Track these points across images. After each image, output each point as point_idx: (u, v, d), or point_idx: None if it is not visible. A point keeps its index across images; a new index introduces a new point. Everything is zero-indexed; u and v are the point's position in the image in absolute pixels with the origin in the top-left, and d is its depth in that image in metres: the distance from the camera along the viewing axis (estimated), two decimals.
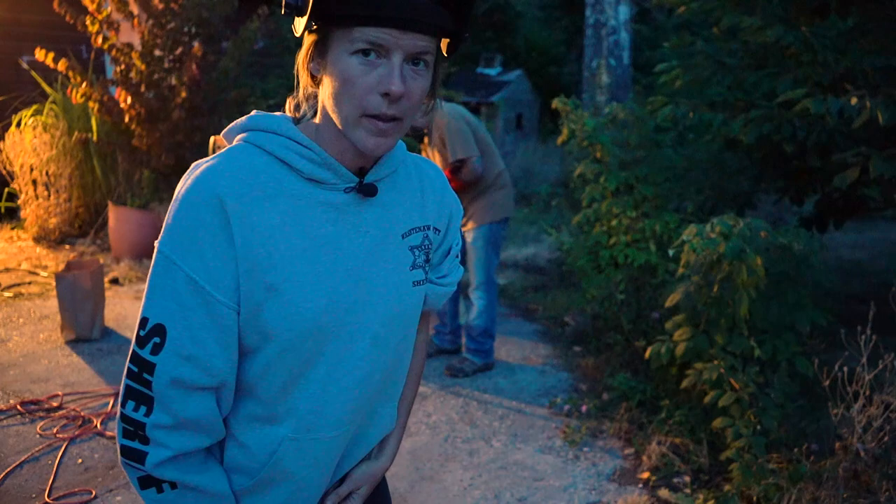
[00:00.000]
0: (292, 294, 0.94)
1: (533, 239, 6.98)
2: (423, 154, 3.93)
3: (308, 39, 0.95)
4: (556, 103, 3.98)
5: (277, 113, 1.02)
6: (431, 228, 1.10)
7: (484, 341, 3.78)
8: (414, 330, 1.12)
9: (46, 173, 6.28)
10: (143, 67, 5.64)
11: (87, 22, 5.53)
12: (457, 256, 1.19)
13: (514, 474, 2.81)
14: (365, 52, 0.88)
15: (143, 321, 0.92)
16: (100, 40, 5.56)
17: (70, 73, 5.71)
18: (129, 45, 5.61)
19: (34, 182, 6.29)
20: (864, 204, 4.18)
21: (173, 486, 0.95)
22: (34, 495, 2.55)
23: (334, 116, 0.94)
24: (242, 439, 1.01)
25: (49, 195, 6.31)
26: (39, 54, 5.54)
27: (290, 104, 1.04)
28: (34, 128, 6.30)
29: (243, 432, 1.01)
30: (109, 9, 5.57)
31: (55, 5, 5.50)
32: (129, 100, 5.68)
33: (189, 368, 0.91)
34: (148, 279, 0.94)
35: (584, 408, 3.29)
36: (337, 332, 0.98)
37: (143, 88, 5.69)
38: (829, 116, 3.05)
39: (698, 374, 2.65)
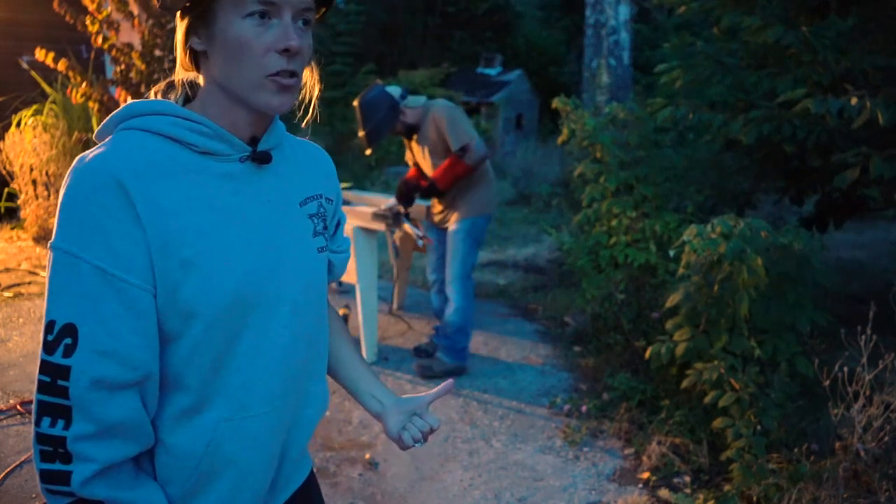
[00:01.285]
0: (210, 267, 0.92)
1: (533, 239, 6.98)
2: (408, 155, 3.91)
3: (186, 16, 0.95)
4: (556, 103, 3.98)
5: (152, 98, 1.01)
6: (324, 197, 1.12)
7: (458, 339, 3.67)
8: (325, 298, 1.13)
9: (46, 173, 6.28)
10: (143, 67, 5.64)
11: (87, 22, 5.53)
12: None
13: (514, 474, 2.81)
14: (260, 14, 0.91)
15: (50, 325, 0.85)
16: (100, 40, 5.55)
17: (70, 73, 5.71)
18: (129, 45, 5.61)
19: (34, 182, 6.29)
20: (864, 204, 4.18)
21: None
22: (34, 495, 2.56)
23: (231, 85, 0.95)
24: (172, 441, 0.96)
25: (49, 195, 6.31)
26: (39, 54, 5.54)
27: (154, 93, 1.03)
28: (34, 128, 6.30)
29: (171, 433, 0.96)
30: (109, 9, 5.57)
31: (55, 5, 5.49)
32: (129, 100, 5.66)
33: (109, 365, 0.86)
34: (47, 283, 0.88)
35: (584, 408, 3.29)
36: (257, 302, 0.97)
37: (143, 88, 5.69)
38: (829, 117, 3.05)
39: (698, 375, 2.65)
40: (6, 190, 6.53)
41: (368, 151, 3.81)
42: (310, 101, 1.08)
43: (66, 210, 0.87)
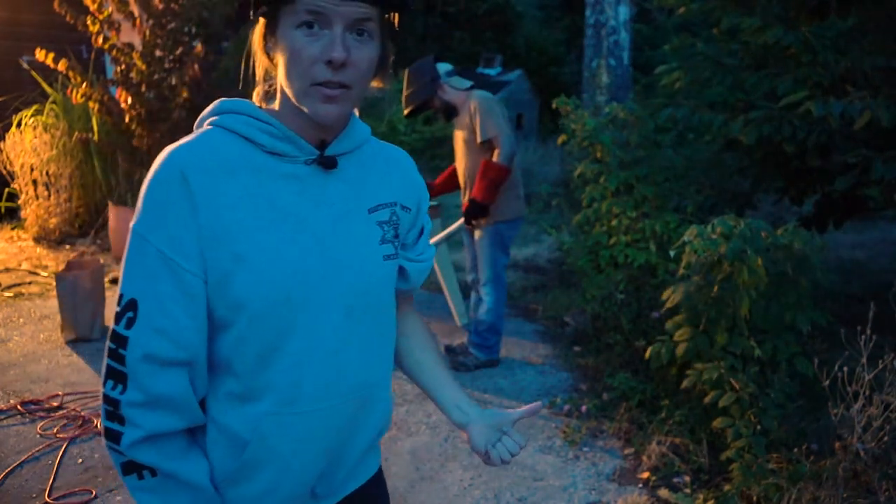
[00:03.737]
0: (260, 262, 0.96)
1: (533, 239, 6.98)
2: (457, 144, 3.83)
3: (261, 21, 1.00)
4: (556, 103, 3.98)
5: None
6: (399, 205, 1.12)
7: (489, 337, 3.81)
8: (391, 306, 1.13)
9: (46, 173, 6.28)
10: (143, 67, 5.64)
11: (88, 22, 5.53)
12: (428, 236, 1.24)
13: (514, 474, 2.82)
14: (308, 24, 0.93)
15: (120, 297, 0.95)
16: (100, 40, 5.56)
17: (70, 73, 5.71)
18: (130, 46, 5.61)
19: (34, 182, 6.29)
20: (864, 204, 4.18)
21: (153, 472, 0.96)
22: (34, 495, 2.56)
23: (288, 91, 0.98)
24: (223, 420, 1.01)
25: (49, 195, 6.31)
26: (39, 54, 5.54)
27: (256, 95, 1.08)
28: (34, 128, 6.30)
29: (223, 412, 1.01)
30: (110, 9, 5.57)
31: (55, 5, 5.49)
32: (129, 100, 5.68)
33: (160, 341, 0.93)
34: (124, 259, 0.96)
35: (584, 408, 3.29)
36: (307, 302, 0.99)
37: (143, 88, 5.69)
38: (830, 118, 3.06)
39: (698, 375, 2.65)
40: (6, 190, 6.53)
41: (405, 113, 3.84)
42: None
43: (143, 196, 0.96)
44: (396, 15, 1.03)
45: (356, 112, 1.13)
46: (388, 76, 1.08)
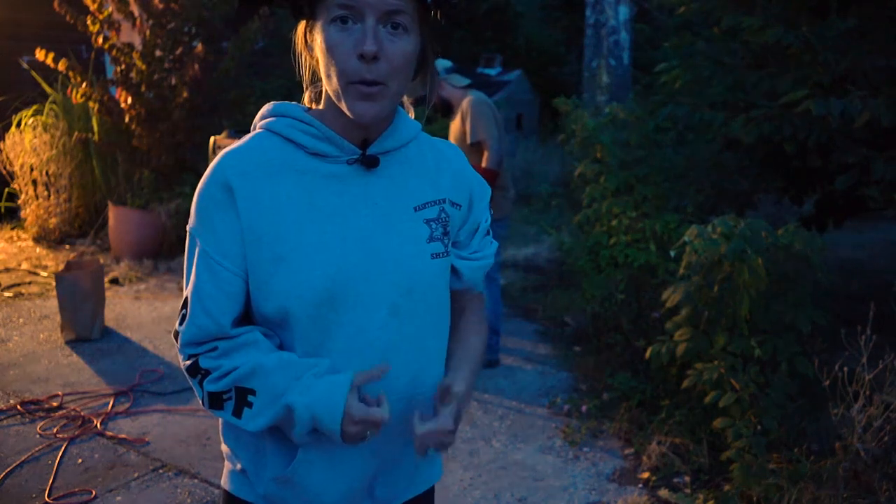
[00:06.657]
0: (301, 262, 0.97)
1: (533, 239, 6.97)
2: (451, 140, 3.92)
3: (302, 21, 1.00)
4: (556, 103, 3.99)
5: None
6: (448, 202, 1.09)
7: (488, 337, 3.78)
8: (443, 305, 1.10)
9: (46, 173, 6.28)
10: (143, 67, 5.64)
11: (88, 22, 5.53)
12: (487, 233, 1.18)
13: (514, 474, 2.81)
14: (342, 19, 0.92)
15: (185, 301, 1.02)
16: (100, 40, 5.55)
17: (70, 73, 5.71)
18: (130, 46, 5.61)
19: (34, 182, 6.29)
20: (864, 204, 4.18)
21: (227, 390, 1.00)
22: (34, 495, 2.55)
23: (329, 90, 0.98)
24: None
25: (49, 195, 6.31)
26: (39, 54, 5.54)
27: (307, 96, 1.08)
28: (34, 128, 6.30)
29: None
30: (110, 9, 5.56)
31: (55, 5, 5.49)
32: (129, 100, 5.67)
33: (200, 335, 1.00)
34: (185, 258, 1.04)
35: (584, 408, 3.29)
36: (352, 301, 0.99)
37: (143, 88, 5.69)
38: (831, 118, 3.06)
39: (698, 375, 2.65)
40: (6, 190, 6.53)
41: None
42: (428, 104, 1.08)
43: (195, 200, 1.01)
44: (439, 11, 0.99)
45: (411, 112, 1.12)
46: (430, 71, 1.05)
